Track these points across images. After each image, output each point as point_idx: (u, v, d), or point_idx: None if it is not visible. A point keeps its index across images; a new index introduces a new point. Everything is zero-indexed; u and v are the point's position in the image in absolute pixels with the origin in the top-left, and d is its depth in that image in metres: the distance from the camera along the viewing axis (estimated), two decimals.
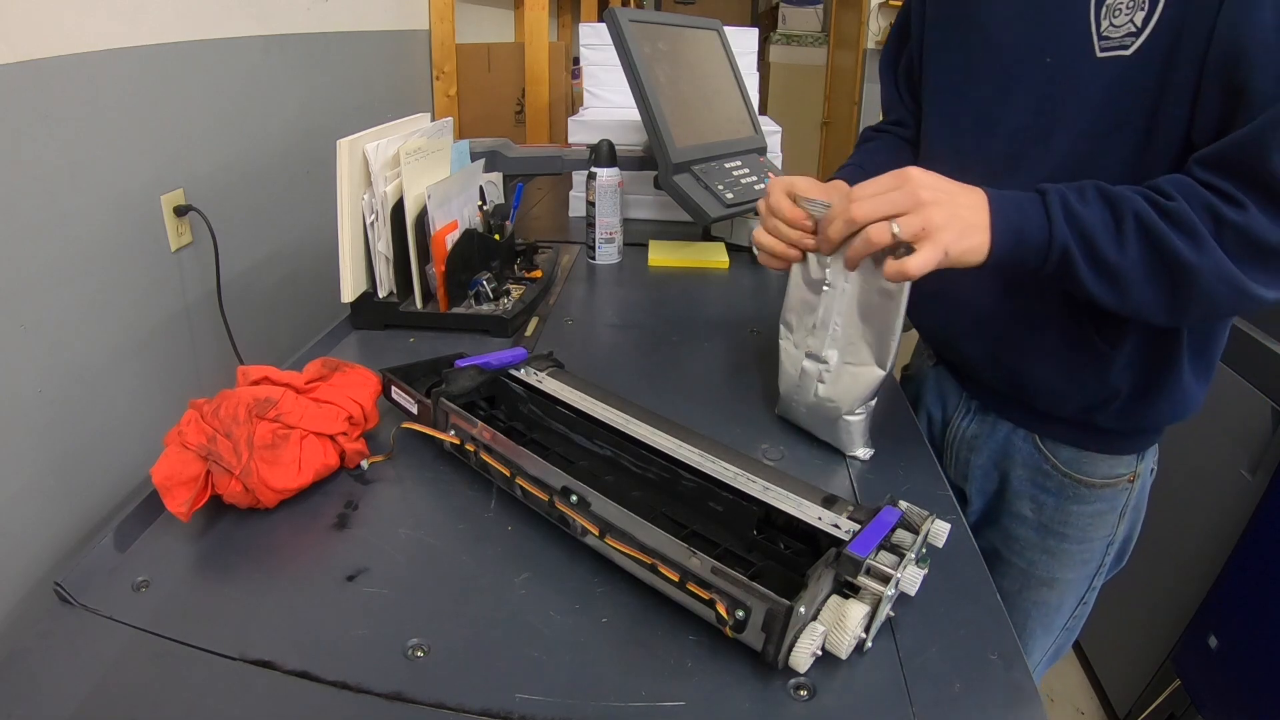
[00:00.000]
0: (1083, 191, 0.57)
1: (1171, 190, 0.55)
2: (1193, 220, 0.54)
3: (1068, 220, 0.56)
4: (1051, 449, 0.77)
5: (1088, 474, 0.76)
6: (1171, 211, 0.55)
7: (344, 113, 1.52)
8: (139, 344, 1.02)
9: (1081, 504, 0.77)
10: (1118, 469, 0.76)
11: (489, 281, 0.94)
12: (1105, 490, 0.76)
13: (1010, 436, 0.79)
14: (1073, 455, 0.76)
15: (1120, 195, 0.56)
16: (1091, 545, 0.79)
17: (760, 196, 1.19)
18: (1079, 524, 0.78)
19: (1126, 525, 0.80)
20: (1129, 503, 0.78)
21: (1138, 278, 0.56)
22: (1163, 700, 1.30)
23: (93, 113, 0.91)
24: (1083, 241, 0.56)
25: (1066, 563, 0.80)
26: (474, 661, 0.45)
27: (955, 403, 0.85)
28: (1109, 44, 0.60)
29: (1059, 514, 0.78)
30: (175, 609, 0.48)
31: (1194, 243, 0.54)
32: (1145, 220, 0.55)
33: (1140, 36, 0.58)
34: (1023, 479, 0.79)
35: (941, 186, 0.57)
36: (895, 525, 0.49)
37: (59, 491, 0.90)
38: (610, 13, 1.10)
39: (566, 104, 2.42)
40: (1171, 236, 0.54)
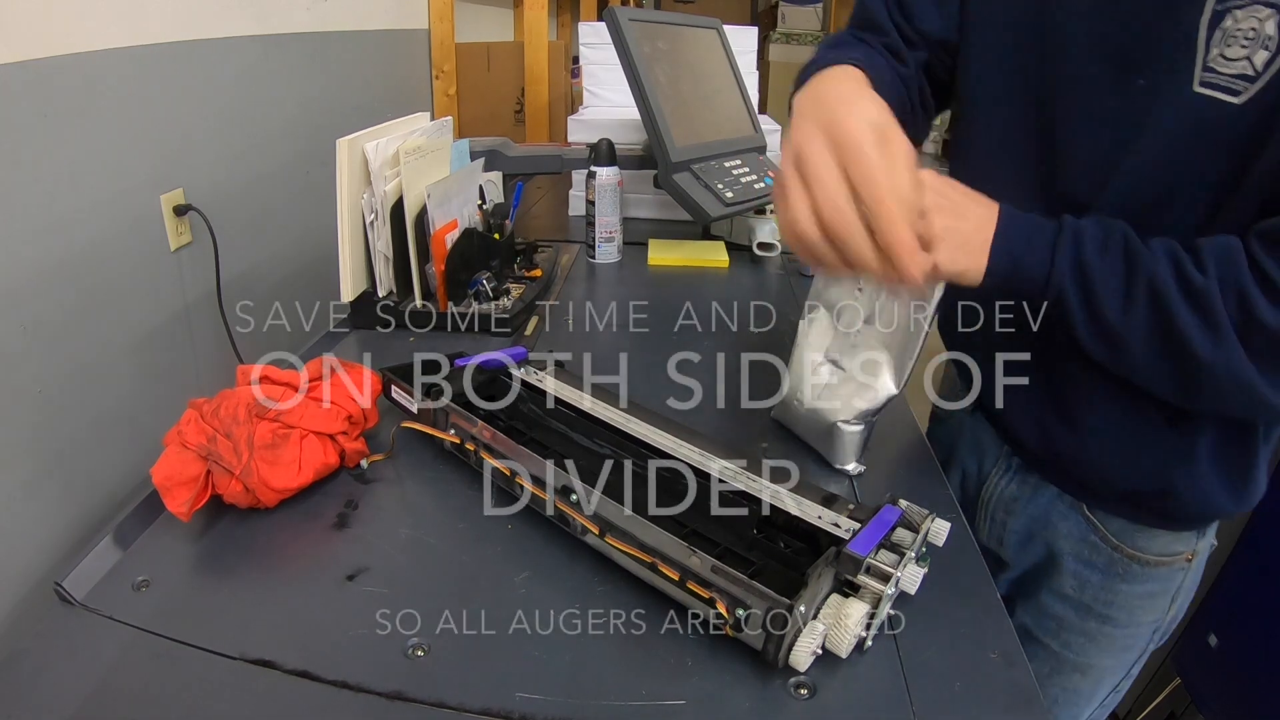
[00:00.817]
0: (1107, 236, 0.51)
1: (1209, 262, 0.48)
2: (1216, 308, 0.47)
3: (1074, 265, 0.51)
4: (1101, 519, 0.67)
5: (1141, 549, 0.66)
6: (1196, 291, 0.48)
7: (343, 112, 1.52)
8: (139, 344, 1.02)
9: (1131, 583, 0.67)
10: (1175, 546, 0.66)
11: (489, 281, 0.94)
12: (1160, 569, 0.66)
13: (1054, 502, 0.69)
14: (1124, 527, 0.66)
15: (1144, 254, 0.50)
16: (1137, 630, 0.69)
17: (760, 195, 1.20)
18: (1126, 605, 0.68)
19: (1177, 609, 0.69)
20: (1184, 584, 0.68)
21: (1139, 349, 0.51)
22: (1163, 699, 1.30)
23: (92, 113, 0.91)
24: (1083, 292, 0.51)
25: (1106, 648, 0.70)
26: (474, 661, 0.45)
27: (994, 457, 0.74)
28: (1213, 80, 0.49)
29: (1104, 593, 0.68)
30: (175, 609, 0.48)
31: (1210, 334, 0.48)
32: (1160, 291, 0.48)
33: (1255, 83, 0.47)
34: (1066, 551, 0.69)
35: (948, 194, 0.52)
36: (895, 524, 0.49)
37: (59, 491, 0.90)
38: (610, 12, 1.09)
39: (566, 103, 2.42)
40: (1185, 320, 0.48)
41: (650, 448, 0.61)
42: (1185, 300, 0.48)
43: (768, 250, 1.21)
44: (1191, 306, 0.48)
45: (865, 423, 0.64)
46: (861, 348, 0.63)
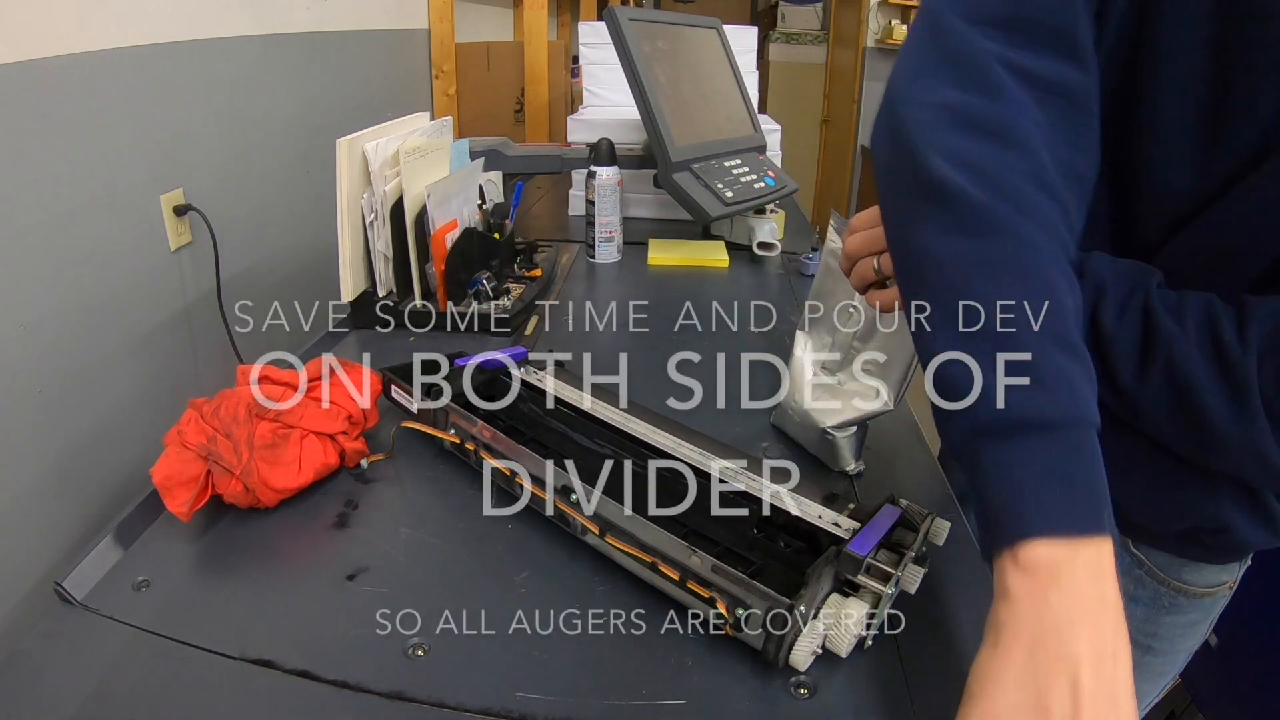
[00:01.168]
0: (1130, 295, 0.48)
1: (1252, 328, 0.44)
2: (1247, 383, 0.44)
3: (1091, 326, 0.48)
4: (1147, 553, 0.64)
5: (1189, 582, 0.64)
6: (1229, 362, 0.45)
7: (343, 112, 1.52)
8: (139, 344, 1.02)
9: (1176, 614, 0.65)
10: (1221, 576, 0.64)
11: (489, 280, 0.94)
12: (1205, 599, 0.65)
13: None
14: (1170, 561, 0.64)
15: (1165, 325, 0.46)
16: (1176, 657, 0.68)
17: (760, 195, 1.20)
18: (1169, 635, 0.66)
19: (1210, 628, 0.68)
20: (1223, 609, 0.67)
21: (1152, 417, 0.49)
22: (1163, 699, 1.30)
23: (93, 113, 0.91)
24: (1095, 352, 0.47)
25: (1145, 676, 0.69)
26: (474, 661, 0.45)
27: None
28: None
29: (1148, 624, 0.66)
30: (175, 609, 0.48)
31: (1234, 409, 0.45)
32: (1178, 365, 0.46)
33: None
34: None
35: None
36: (895, 524, 0.49)
37: (59, 491, 0.90)
38: (609, 11, 1.09)
39: (566, 103, 2.41)
40: (1207, 390, 0.45)
41: (650, 448, 0.61)
42: (1213, 370, 0.45)
43: (768, 250, 1.21)
44: (1219, 376, 0.45)
45: (858, 426, 0.64)
46: (857, 361, 0.64)
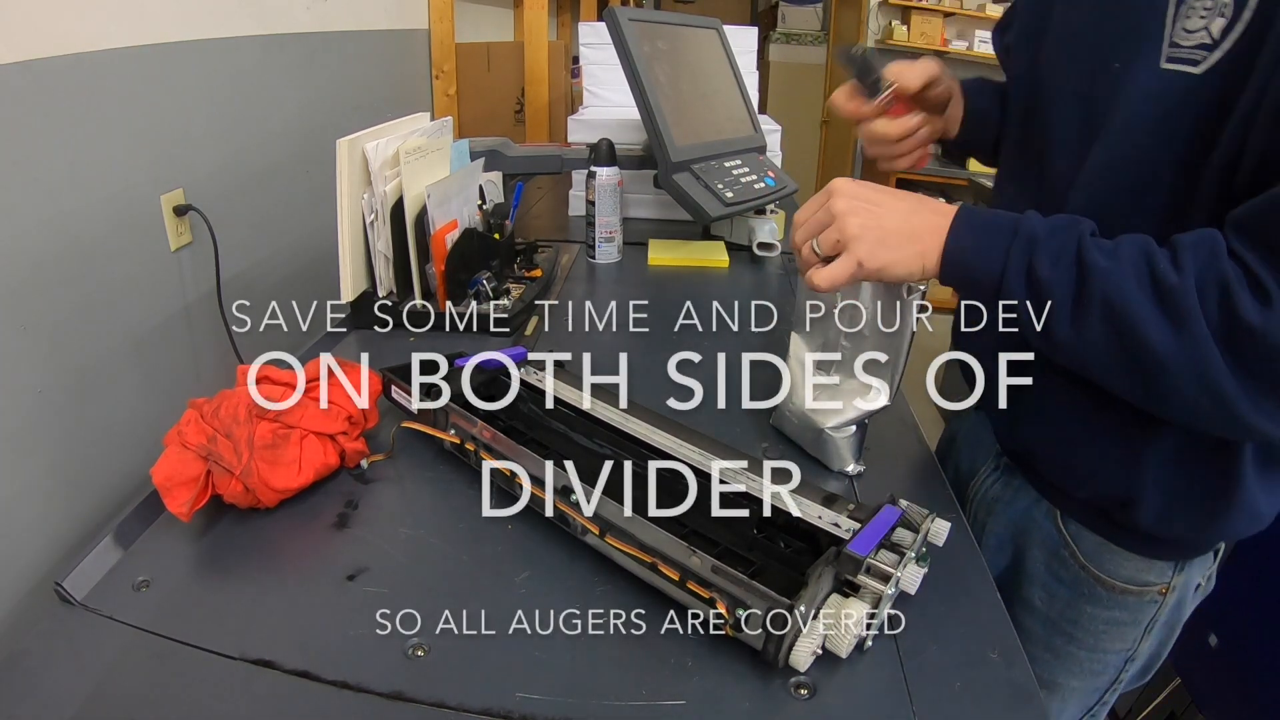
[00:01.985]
0: (1063, 245, 0.49)
1: (1187, 259, 0.46)
2: (1191, 310, 0.45)
3: (1024, 275, 0.50)
4: (1074, 533, 0.65)
5: (1109, 573, 0.64)
6: (1167, 291, 0.45)
7: (344, 112, 1.52)
8: (139, 344, 1.02)
9: (1096, 606, 0.65)
10: (1147, 575, 0.63)
11: (489, 281, 0.94)
12: (1128, 598, 0.64)
13: (1032, 509, 0.68)
14: (1096, 546, 0.64)
15: (1099, 266, 0.48)
16: (1104, 657, 0.68)
17: (760, 195, 1.20)
18: (1091, 628, 0.66)
19: (1153, 643, 0.67)
20: (1157, 619, 0.65)
21: (1096, 362, 0.50)
22: (1163, 699, 1.30)
23: (93, 113, 0.91)
24: (1035, 303, 0.50)
25: (1072, 668, 0.68)
26: (474, 661, 0.45)
27: (986, 456, 0.74)
28: (1177, 54, 0.50)
29: (1070, 610, 0.66)
30: (175, 609, 0.48)
31: (1180, 338, 0.45)
32: (1115, 305, 0.47)
33: (1214, 52, 0.48)
34: (1038, 561, 0.68)
35: (862, 195, 0.54)
36: (895, 524, 0.49)
37: (59, 491, 0.90)
38: (609, 12, 1.09)
39: (566, 103, 2.41)
40: (1151, 326, 0.46)
41: (650, 448, 0.61)
42: (1156, 304, 0.46)
43: (768, 250, 1.21)
44: (1162, 310, 0.46)
45: (857, 426, 0.64)
46: (849, 359, 0.64)
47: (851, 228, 0.53)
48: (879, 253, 0.53)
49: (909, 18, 3.98)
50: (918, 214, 0.54)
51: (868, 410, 0.63)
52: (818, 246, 0.55)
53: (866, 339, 0.62)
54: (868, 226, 0.53)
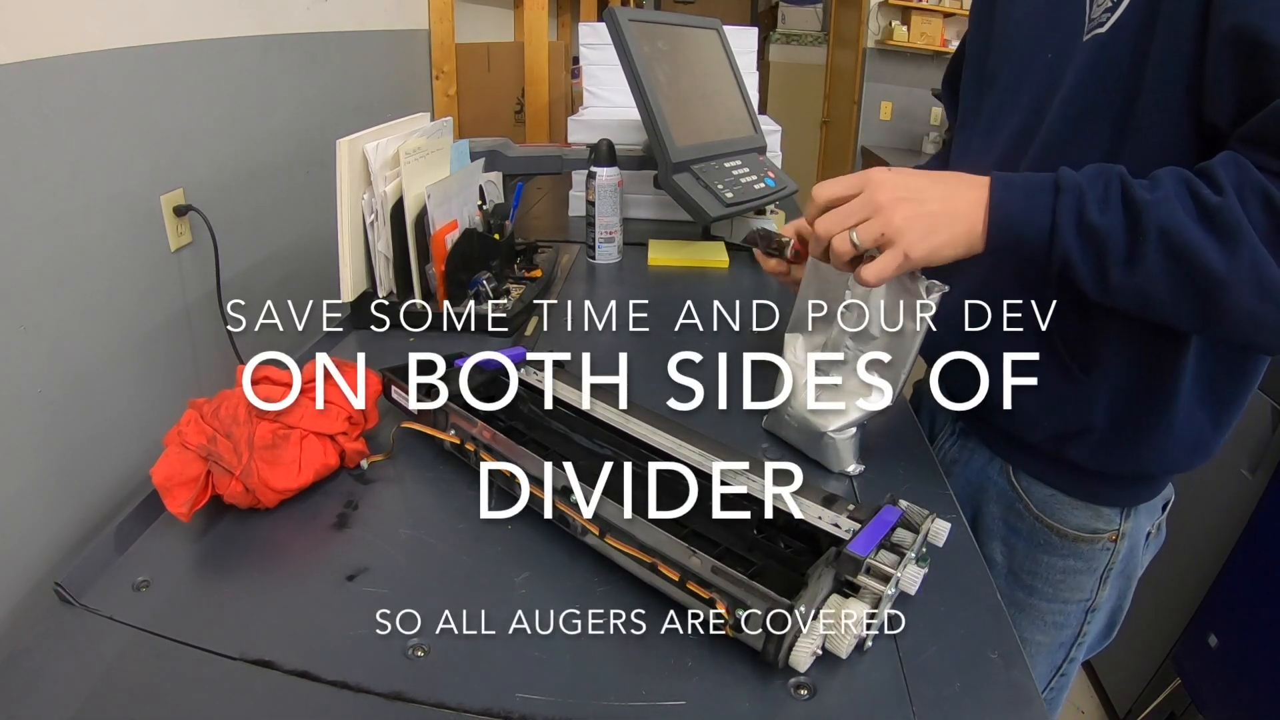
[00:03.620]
0: (1106, 188, 0.50)
1: (1222, 177, 0.48)
2: (1239, 222, 0.47)
3: (1077, 227, 0.50)
4: (1025, 486, 0.69)
5: (1061, 521, 0.68)
6: (1212, 210, 0.47)
7: (344, 112, 1.52)
8: (139, 344, 1.02)
9: (1052, 555, 0.69)
10: (1095, 523, 0.67)
11: (489, 281, 0.94)
12: (1081, 546, 0.68)
13: (986, 468, 0.72)
14: (1046, 497, 0.68)
15: (1146, 199, 0.49)
16: (1065, 608, 0.71)
17: (760, 196, 1.20)
18: (1049, 578, 0.70)
19: (1112, 593, 0.70)
20: (1112, 567, 0.69)
21: (1157, 297, 0.50)
22: (1163, 699, 1.30)
23: (92, 113, 0.91)
24: (1091, 254, 0.50)
25: (1036, 622, 0.72)
26: (474, 661, 0.45)
27: (941, 422, 0.79)
28: (1092, 24, 0.56)
29: (1029, 562, 0.70)
30: (175, 609, 0.48)
31: (1231, 249, 0.47)
32: (1169, 230, 0.48)
33: (1116, 11, 0.54)
34: (995, 517, 0.72)
35: (905, 184, 0.53)
36: (895, 524, 0.49)
37: (59, 491, 0.90)
38: (610, 12, 1.09)
39: (566, 103, 2.41)
40: (1203, 246, 0.47)
41: (651, 448, 0.61)
42: (1206, 226, 0.47)
43: None
44: (1213, 230, 0.47)
45: (858, 427, 0.64)
46: (852, 359, 0.63)
47: (898, 220, 0.52)
48: (928, 240, 0.52)
49: (909, 18, 3.98)
50: (958, 191, 0.54)
51: (870, 411, 0.62)
52: (856, 239, 0.53)
53: (873, 339, 0.62)
54: (914, 216, 0.52)
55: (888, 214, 0.52)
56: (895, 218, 0.52)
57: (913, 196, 0.53)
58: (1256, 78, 0.48)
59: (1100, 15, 0.55)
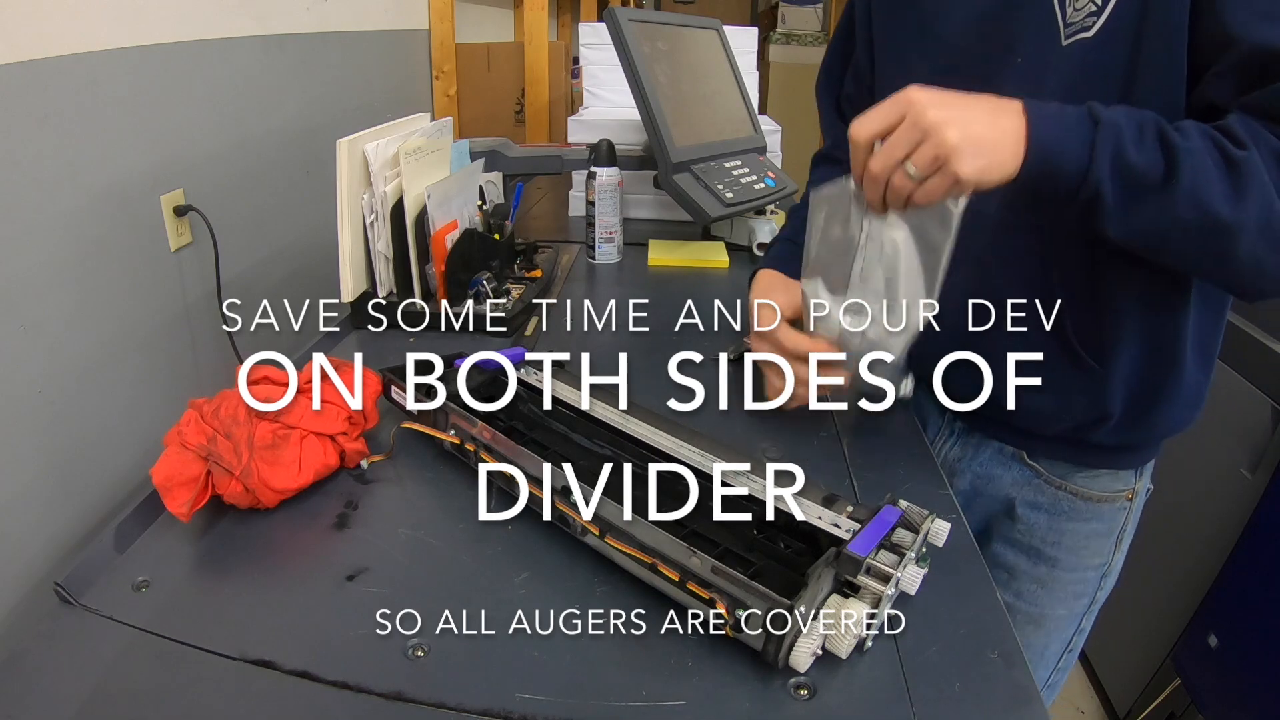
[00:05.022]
0: (1141, 128, 0.50)
1: (1242, 135, 0.49)
2: (1260, 178, 0.48)
3: (1113, 163, 0.50)
4: (1044, 465, 0.70)
5: (1085, 486, 0.70)
6: (1235, 163, 0.48)
7: (344, 113, 1.52)
8: (139, 344, 1.02)
9: (1076, 521, 0.70)
10: (1116, 484, 0.70)
11: (489, 281, 0.94)
12: (1104, 506, 0.70)
13: (996, 455, 0.72)
14: (1067, 470, 0.70)
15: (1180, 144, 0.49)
16: (1084, 575, 0.72)
17: (760, 196, 1.20)
18: (1072, 545, 0.71)
19: (1120, 553, 0.73)
20: (1125, 527, 0.71)
21: (1173, 238, 0.51)
22: (1163, 699, 1.30)
23: (92, 113, 0.91)
24: (1122, 190, 0.50)
25: (1058, 594, 0.73)
26: (474, 661, 0.45)
27: (937, 426, 0.78)
28: (1073, 28, 0.55)
29: (1051, 533, 0.71)
30: (175, 609, 0.48)
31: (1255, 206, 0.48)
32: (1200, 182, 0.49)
33: (1101, 15, 0.54)
34: (1013, 497, 0.72)
35: (948, 101, 0.51)
36: (895, 524, 0.49)
37: (59, 491, 0.90)
38: (610, 12, 1.10)
39: (566, 104, 2.42)
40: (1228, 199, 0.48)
41: (651, 449, 0.61)
42: (1231, 177, 0.48)
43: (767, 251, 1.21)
44: (1237, 183, 0.48)
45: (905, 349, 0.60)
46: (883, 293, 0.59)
47: (951, 139, 0.49)
48: (977, 161, 0.50)
49: None
50: (998, 115, 0.51)
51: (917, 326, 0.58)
52: (912, 169, 0.50)
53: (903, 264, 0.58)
54: (966, 137, 0.50)
55: (940, 134, 0.49)
56: (948, 137, 0.49)
57: (959, 116, 0.50)
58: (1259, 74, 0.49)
59: (1083, 20, 0.55)
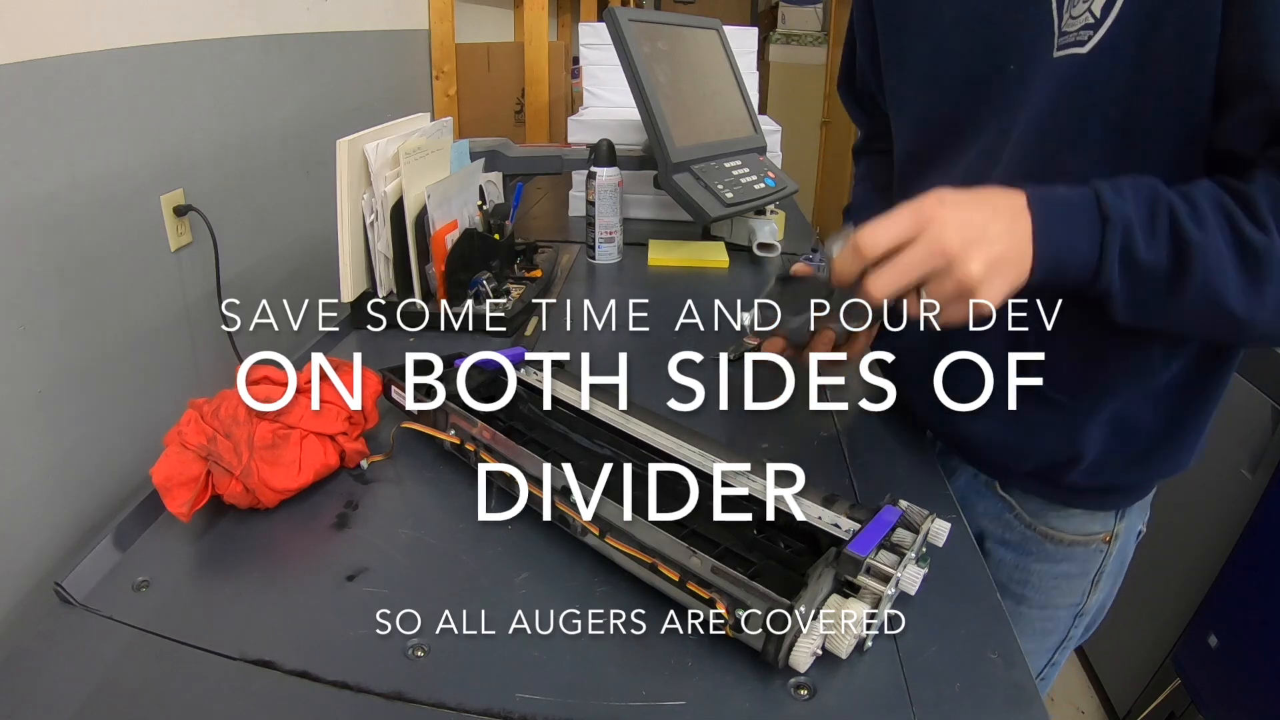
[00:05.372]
0: (1154, 220, 0.46)
1: (1265, 212, 0.45)
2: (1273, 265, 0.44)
3: (1123, 262, 0.46)
4: (1018, 498, 0.66)
5: (1055, 527, 0.65)
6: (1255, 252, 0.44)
7: (344, 112, 1.52)
8: (139, 344, 1.02)
9: (1045, 562, 0.66)
10: (1091, 526, 0.65)
11: (489, 281, 0.94)
12: (1075, 549, 0.66)
13: (972, 482, 0.69)
14: (1040, 506, 0.66)
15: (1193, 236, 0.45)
16: (1054, 613, 0.68)
17: (760, 196, 1.20)
18: (1040, 586, 0.67)
19: (1100, 594, 0.68)
20: (1104, 568, 0.66)
21: (1184, 324, 0.49)
22: (1163, 699, 1.30)
23: (92, 113, 0.91)
24: (1131, 287, 0.47)
25: (1025, 630, 0.69)
26: (474, 661, 0.45)
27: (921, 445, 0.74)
28: (1067, 39, 0.50)
29: (1017, 572, 0.67)
30: (175, 609, 0.48)
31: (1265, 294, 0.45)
32: (1214, 279, 0.45)
33: (1099, 29, 0.48)
34: (981, 531, 0.69)
35: (969, 220, 0.45)
36: (895, 524, 0.49)
37: (59, 491, 0.90)
38: (610, 12, 1.09)
39: (566, 104, 2.42)
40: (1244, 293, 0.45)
41: (651, 449, 0.61)
42: (1247, 268, 0.45)
43: (768, 251, 1.21)
44: (1253, 273, 0.45)
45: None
46: None
47: (976, 270, 0.44)
48: (1003, 288, 0.46)
49: None
50: (1014, 223, 0.46)
51: None
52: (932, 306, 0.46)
53: None
54: (991, 263, 0.45)
55: (964, 266, 0.44)
56: (973, 270, 0.44)
57: (980, 236, 0.45)
58: None
59: (1077, 32, 0.49)
